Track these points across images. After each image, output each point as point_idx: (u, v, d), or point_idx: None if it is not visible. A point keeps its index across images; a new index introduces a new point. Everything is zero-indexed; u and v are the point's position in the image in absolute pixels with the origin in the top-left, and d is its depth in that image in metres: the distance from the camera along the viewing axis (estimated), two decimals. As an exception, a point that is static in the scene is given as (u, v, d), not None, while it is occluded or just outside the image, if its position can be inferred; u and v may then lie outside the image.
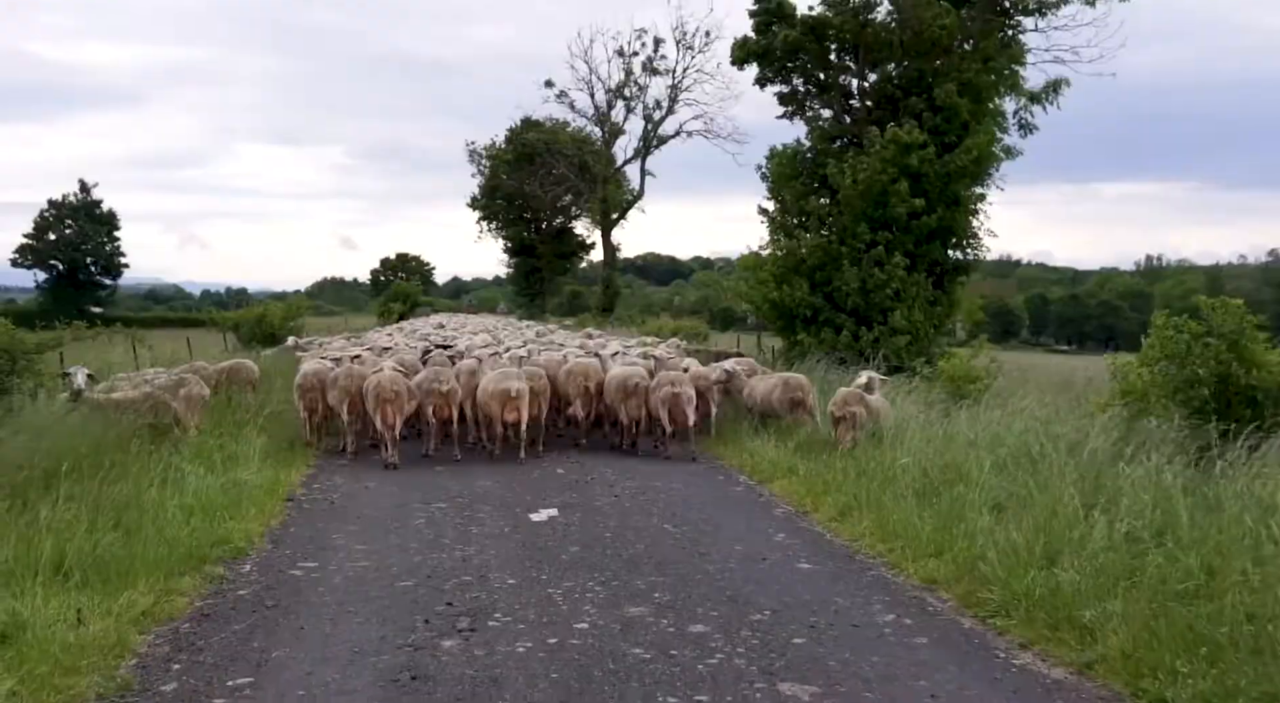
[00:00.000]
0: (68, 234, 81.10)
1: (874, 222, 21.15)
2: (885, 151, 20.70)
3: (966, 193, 21.71)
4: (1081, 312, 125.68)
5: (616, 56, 53.83)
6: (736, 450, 13.99)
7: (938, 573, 8.01)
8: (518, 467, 13.21)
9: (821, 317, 21.31)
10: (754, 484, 12.18)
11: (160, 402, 12.67)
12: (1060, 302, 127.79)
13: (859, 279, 20.85)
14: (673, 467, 13.33)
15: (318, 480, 12.25)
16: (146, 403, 12.57)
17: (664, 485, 11.95)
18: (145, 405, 12.67)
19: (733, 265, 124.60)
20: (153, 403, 12.69)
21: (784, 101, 24.00)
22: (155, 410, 12.58)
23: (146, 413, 12.49)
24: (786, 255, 21.89)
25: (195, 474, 10.74)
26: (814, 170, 22.45)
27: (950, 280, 22.68)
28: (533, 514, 10.29)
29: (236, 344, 30.44)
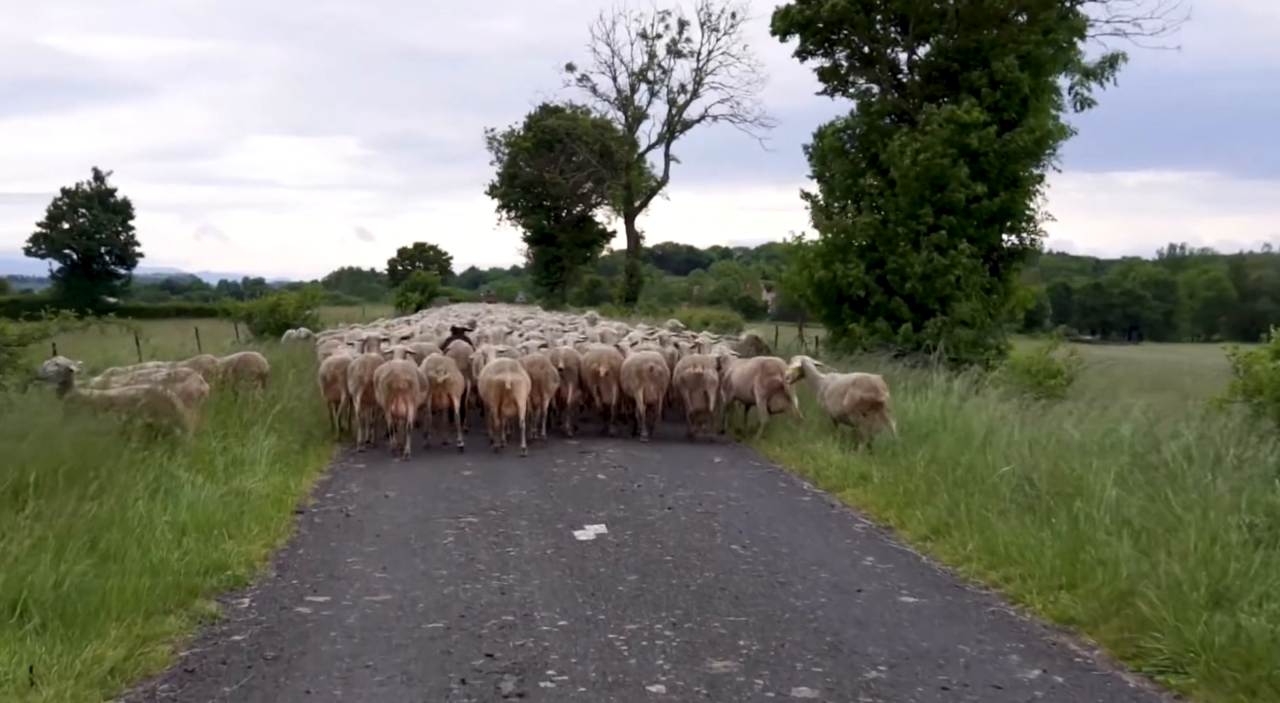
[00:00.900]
0: (81, 223, 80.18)
1: (934, 204, 19.70)
2: (943, 131, 19.23)
3: (1026, 174, 20.23)
4: (1105, 301, 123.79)
5: (640, 39, 52.37)
6: (796, 454, 12.61)
7: (1073, 611, 6.62)
8: (554, 472, 11.87)
9: (874, 300, 19.87)
10: (822, 493, 10.79)
11: (160, 399, 11.41)
12: (1083, 291, 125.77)
13: (922, 263, 19.39)
14: (727, 473, 11.96)
15: (331, 488, 10.93)
16: (144, 400, 11.32)
17: (721, 495, 10.58)
18: (142, 403, 11.45)
19: (751, 255, 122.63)
20: (151, 400, 11.45)
21: (825, 77, 22.58)
22: (154, 409, 11.32)
23: (143, 411, 11.26)
24: (837, 234, 20.44)
25: (192, 483, 9.45)
26: (863, 148, 20.98)
27: (1007, 267, 21.25)
28: (577, 531, 8.94)
29: (249, 335, 29.20)
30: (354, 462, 12.59)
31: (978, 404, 13.06)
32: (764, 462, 12.72)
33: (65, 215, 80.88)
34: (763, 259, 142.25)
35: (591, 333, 18.26)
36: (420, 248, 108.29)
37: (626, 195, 53.56)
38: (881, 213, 20.07)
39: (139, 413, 11.11)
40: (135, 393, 11.40)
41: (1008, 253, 21.22)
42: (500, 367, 13.11)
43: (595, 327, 19.79)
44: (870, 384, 12.27)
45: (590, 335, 17.78)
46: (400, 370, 12.83)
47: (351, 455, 12.96)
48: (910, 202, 19.77)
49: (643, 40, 52.18)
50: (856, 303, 20.14)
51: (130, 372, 13.76)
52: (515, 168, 70.88)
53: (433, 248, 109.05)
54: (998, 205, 19.73)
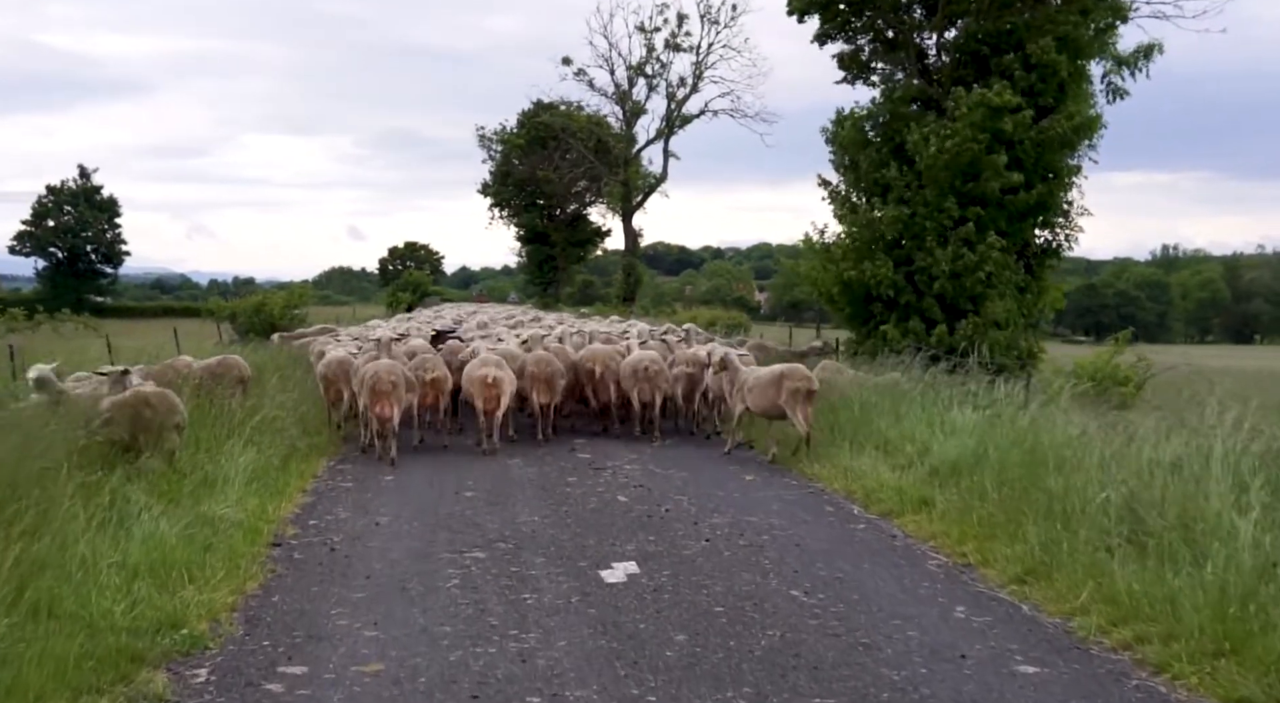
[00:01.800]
0: (67, 220, 78.39)
1: (962, 196, 18.35)
2: (973, 115, 17.87)
3: (1064, 165, 18.89)
4: (1098, 302, 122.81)
5: (638, 32, 50.94)
6: (836, 471, 11.27)
7: (1244, 687, 5.26)
8: (566, 492, 10.49)
9: (903, 300, 18.51)
10: (877, 520, 9.43)
11: (146, 401, 10.05)
12: (1077, 291, 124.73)
13: (949, 260, 18.03)
14: (763, 494, 10.59)
15: (315, 513, 9.53)
16: (123, 411, 10.05)
17: (763, 522, 9.21)
18: (121, 414, 10.16)
19: (743, 255, 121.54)
20: (131, 411, 10.09)
21: (845, 64, 21.20)
22: (135, 421, 10.02)
23: (121, 424, 9.98)
24: (863, 229, 19.06)
25: (150, 511, 8.05)
26: (887, 137, 19.61)
27: (1040, 264, 19.91)
28: (604, 571, 7.56)
29: (233, 336, 27.76)
30: (341, 479, 11.19)
31: (1039, 415, 11.72)
32: (801, 480, 11.36)
33: (50, 213, 79.07)
34: (755, 259, 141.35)
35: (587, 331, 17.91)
36: (411, 247, 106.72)
37: (624, 192, 52.10)
38: (908, 206, 18.68)
39: (117, 425, 9.84)
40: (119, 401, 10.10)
41: (1040, 249, 19.90)
42: (484, 362, 12.88)
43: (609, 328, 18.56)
44: (803, 374, 12.01)
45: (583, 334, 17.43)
46: (384, 371, 12.11)
47: (339, 473, 11.56)
48: (937, 193, 18.41)
49: (641, 33, 50.87)
50: (887, 303, 18.77)
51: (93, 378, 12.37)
52: (508, 165, 69.39)
53: (424, 247, 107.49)
54: (1034, 198, 18.38)
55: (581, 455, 12.77)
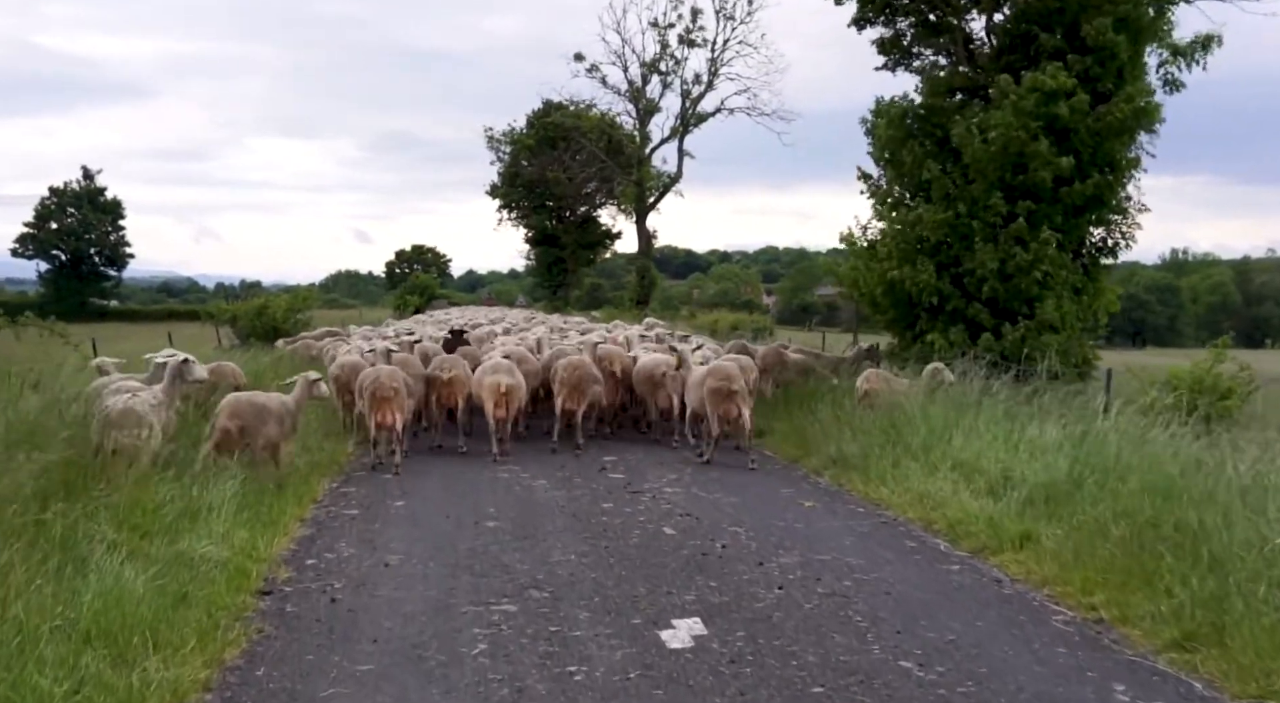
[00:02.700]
0: (70, 223, 77.26)
1: (1011, 189, 16.94)
2: (1024, 102, 16.47)
3: (1123, 156, 17.46)
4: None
5: (651, 28, 49.57)
6: (905, 495, 9.92)
7: None
8: (604, 521, 9.12)
9: (949, 306, 17.11)
10: (969, 559, 8.05)
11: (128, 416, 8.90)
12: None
13: (997, 260, 16.63)
14: (829, 524, 9.21)
15: (314, 549, 8.16)
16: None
17: (838, 562, 7.83)
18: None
19: (750, 258, 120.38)
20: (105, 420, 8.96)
21: (884, 49, 19.83)
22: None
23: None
24: (906, 229, 17.66)
25: (115, 551, 6.71)
26: (930, 129, 18.20)
27: (1094, 263, 18.49)
28: (665, 632, 6.18)
29: (233, 340, 26.43)
30: (345, 504, 9.83)
31: (1132, 431, 10.34)
32: (868, 507, 9.98)
33: (53, 215, 77.98)
34: (762, 263, 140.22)
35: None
36: (418, 250, 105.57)
37: (638, 192, 50.70)
38: (953, 204, 17.26)
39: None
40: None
41: (1096, 248, 18.49)
42: (495, 368, 12.57)
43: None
44: (724, 373, 11.81)
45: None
46: (386, 377, 11.52)
47: (342, 497, 10.20)
48: (984, 188, 17.00)
49: (654, 29, 49.48)
50: (930, 309, 17.36)
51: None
52: (517, 167, 68.07)
53: (431, 250, 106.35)
54: (1090, 190, 16.95)
55: (614, 476, 11.40)
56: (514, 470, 11.67)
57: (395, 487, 10.70)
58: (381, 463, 11.71)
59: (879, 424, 12.27)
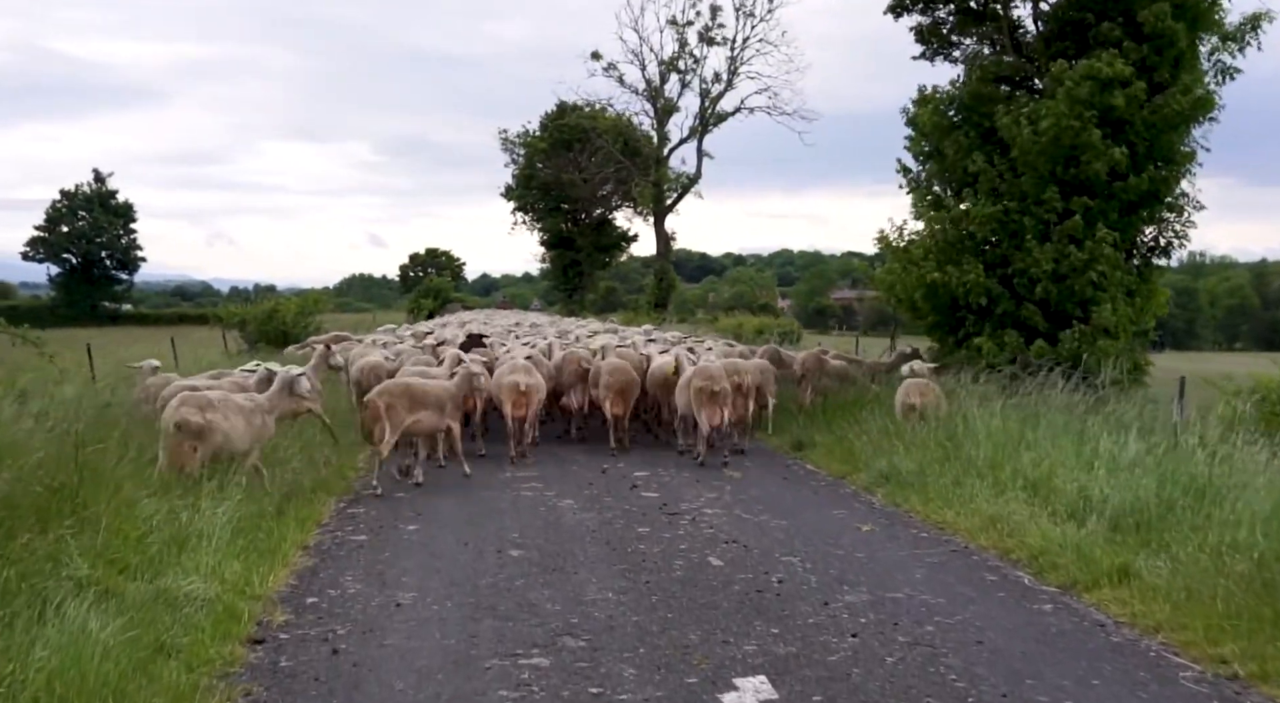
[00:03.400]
0: (81, 226, 76.60)
1: (1063, 184, 15.93)
2: (1077, 90, 15.44)
3: (1178, 148, 16.42)
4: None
5: (669, 25, 48.56)
6: (972, 518, 8.92)
7: None
8: (640, 549, 8.15)
9: (999, 309, 16.08)
10: (1062, 596, 7.05)
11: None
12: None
13: (1051, 259, 15.61)
14: (895, 554, 8.21)
15: (315, 585, 7.21)
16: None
17: (914, 601, 6.85)
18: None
19: (765, 262, 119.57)
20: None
21: (923, 37, 18.84)
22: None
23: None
24: (949, 227, 16.64)
25: (84, 594, 5.79)
26: (976, 119, 17.18)
27: (1146, 264, 17.45)
28: (727, 694, 5.21)
29: (242, 345, 25.59)
30: (352, 529, 8.89)
31: (1219, 446, 9.35)
32: (931, 531, 8.98)
33: (64, 218, 77.34)
34: (777, 266, 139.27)
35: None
36: (432, 253, 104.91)
37: (656, 193, 49.69)
38: (1001, 199, 16.23)
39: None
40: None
41: (1148, 248, 17.44)
42: (514, 368, 12.42)
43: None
44: (707, 374, 11.87)
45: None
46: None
47: (349, 519, 9.25)
48: (1035, 183, 15.99)
49: (673, 27, 48.46)
50: (978, 312, 16.32)
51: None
52: (531, 169, 67.21)
53: (445, 253, 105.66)
54: (1146, 185, 15.91)
55: (647, 495, 10.43)
56: (537, 488, 10.72)
57: (408, 507, 9.76)
58: (405, 475, 11.10)
59: (934, 437, 11.30)
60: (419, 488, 10.67)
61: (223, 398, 9.20)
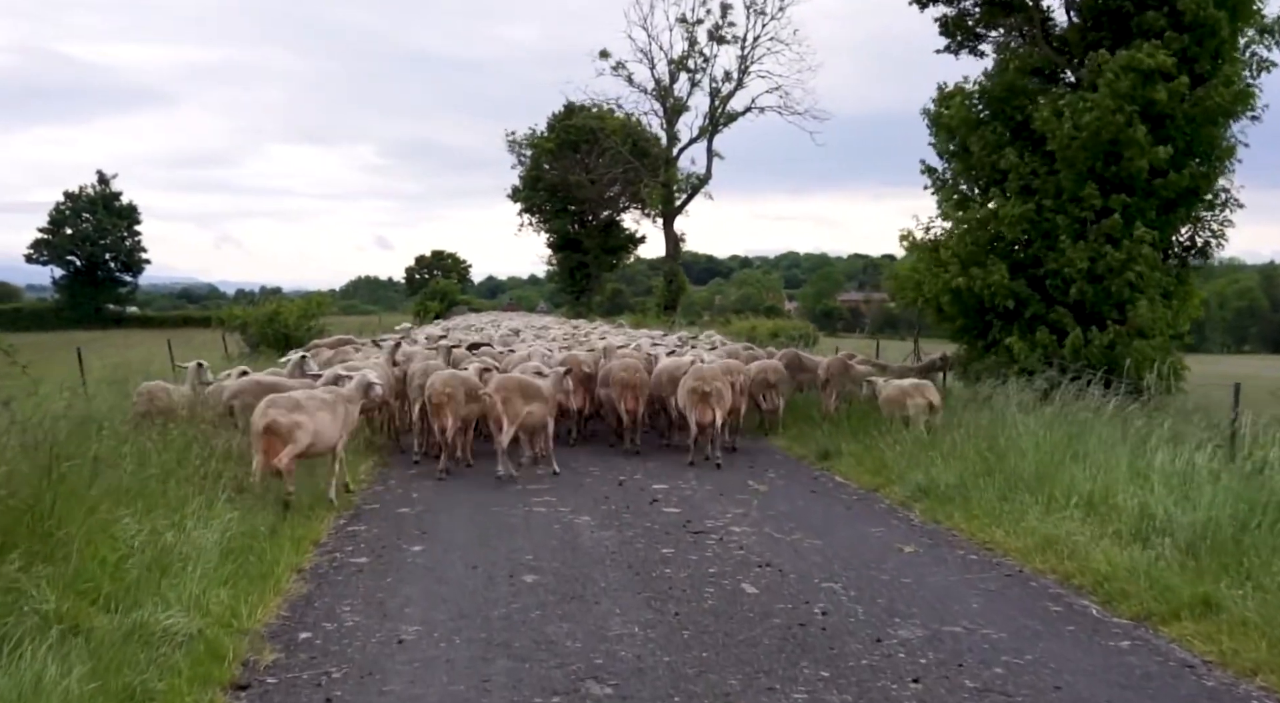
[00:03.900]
0: (85, 228, 76.08)
1: (1102, 181, 15.22)
2: (1119, 83, 14.73)
3: (1219, 143, 15.71)
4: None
5: (679, 24, 47.83)
6: (1024, 538, 8.23)
7: None
8: (666, 574, 7.44)
9: (1029, 311, 15.37)
10: (1137, 630, 6.34)
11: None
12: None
13: (1087, 259, 14.90)
14: (945, 579, 7.49)
15: (310, 614, 6.52)
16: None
17: (974, 635, 6.13)
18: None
19: (771, 264, 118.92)
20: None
21: (949, 28, 18.14)
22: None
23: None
24: (976, 227, 15.94)
25: (51, 626, 5.13)
26: (1007, 112, 16.47)
27: (1182, 264, 16.72)
28: (779, 758, 4.51)
29: (243, 348, 24.94)
30: (352, 550, 8.20)
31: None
32: (979, 552, 8.27)
33: (68, 220, 76.84)
34: (783, 268, 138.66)
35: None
36: (438, 256, 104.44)
37: (666, 194, 48.95)
38: (1034, 197, 15.52)
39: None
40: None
41: (1185, 247, 16.72)
42: (526, 371, 12.33)
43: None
44: (698, 375, 12.22)
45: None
46: (441, 382, 11.40)
47: (349, 538, 8.57)
48: (1073, 179, 15.28)
49: (682, 25, 47.71)
50: (1004, 315, 15.60)
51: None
52: (538, 170, 66.57)
53: (451, 256, 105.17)
54: (1186, 181, 15.19)
55: (668, 511, 9.72)
56: (551, 503, 10.03)
57: (412, 525, 9.07)
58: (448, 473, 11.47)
59: (974, 447, 10.60)
60: (425, 503, 10.00)
61: (308, 397, 9.44)
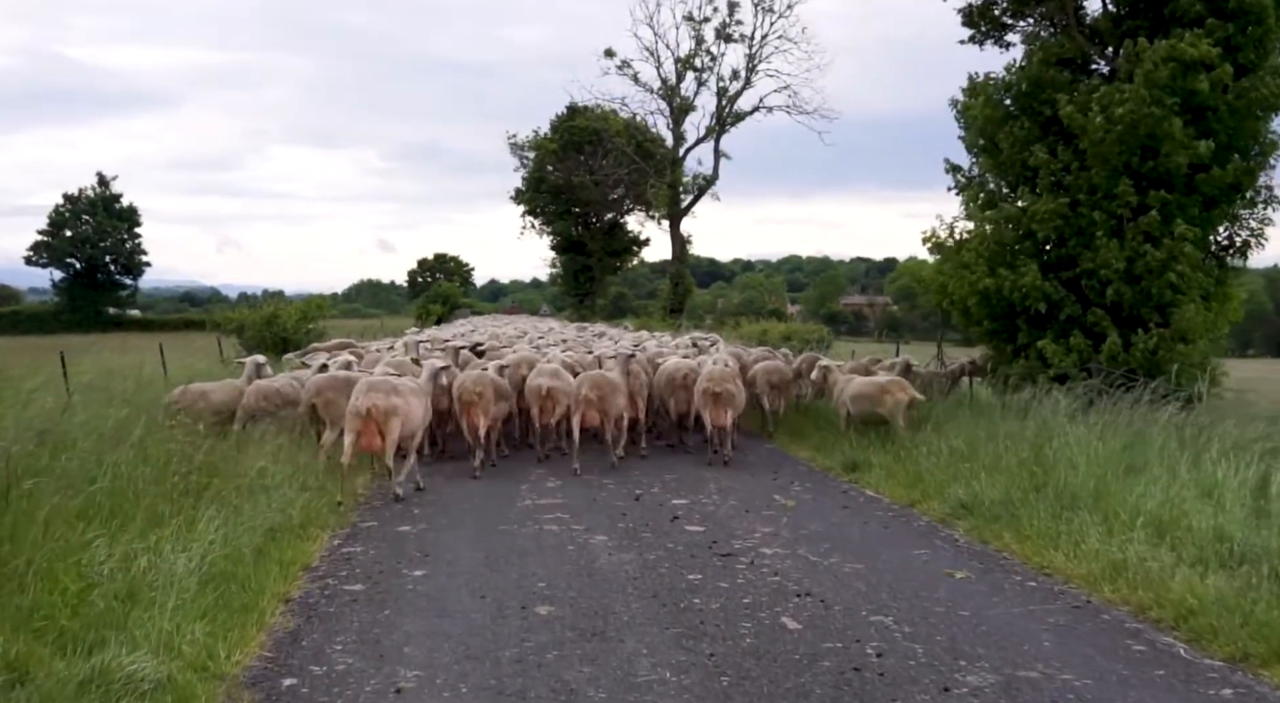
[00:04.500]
0: (85, 230, 75.41)
1: (1138, 177, 14.45)
2: (1157, 74, 13.95)
3: (1264, 137, 14.93)
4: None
5: (686, 22, 47.08)
6: (1086, 563, 7.44)
7: None
8: (695, 605, 6.67)
9: (1063, 314, 14.59)
10: (1229, 671, 5.58)
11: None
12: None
13: (1124, 259, 14.13)
14: (1005, 610, 6.71)
15: (297, 656, 5.76)
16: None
17: (1051, 681, 5.37)
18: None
19: (773, 268, 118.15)
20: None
21: (971, 20, 17.34)
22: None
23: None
24: (1004, 226, 15.17)
25: (3, 673, 4.40)
26: (1035, 107, 15.68)
27: (1220, 265, 15.92)
28: None
29: (240, 352, 24.14)
30: (346, 575, 7.44)
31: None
32: (1038, 578, 7.49)
33: (67, 222, 76.18)
34: (785, 272, 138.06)
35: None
36: (441, 259, 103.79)
37: (672, 195, 48.20)
38: (1066, 194, 14.73)
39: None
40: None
41: (1224, 247, 15.92)
42: (539, 373, 12.27)
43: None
44: (709, 375, 12.45)
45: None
46: (471, 382, 11.59)
47: (344, 562, 7.80)
48: (1107, 175, 14.49)
49: (689, 23, 46.97)
50: (1034, 319, 14.81)
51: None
52: (542, 172, 65.87)
53: (453, 259, 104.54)
54: (1230, 177, 14.40)
55: (691, 529, 8.95)
56: (563, 520, 9.26)
57: (413, 545, 8.32)
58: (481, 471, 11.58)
59: (1018, 459, 9.84)
60: (427, 520, 9.25)
61: (403, 383, 10.13)
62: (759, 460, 12.87)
